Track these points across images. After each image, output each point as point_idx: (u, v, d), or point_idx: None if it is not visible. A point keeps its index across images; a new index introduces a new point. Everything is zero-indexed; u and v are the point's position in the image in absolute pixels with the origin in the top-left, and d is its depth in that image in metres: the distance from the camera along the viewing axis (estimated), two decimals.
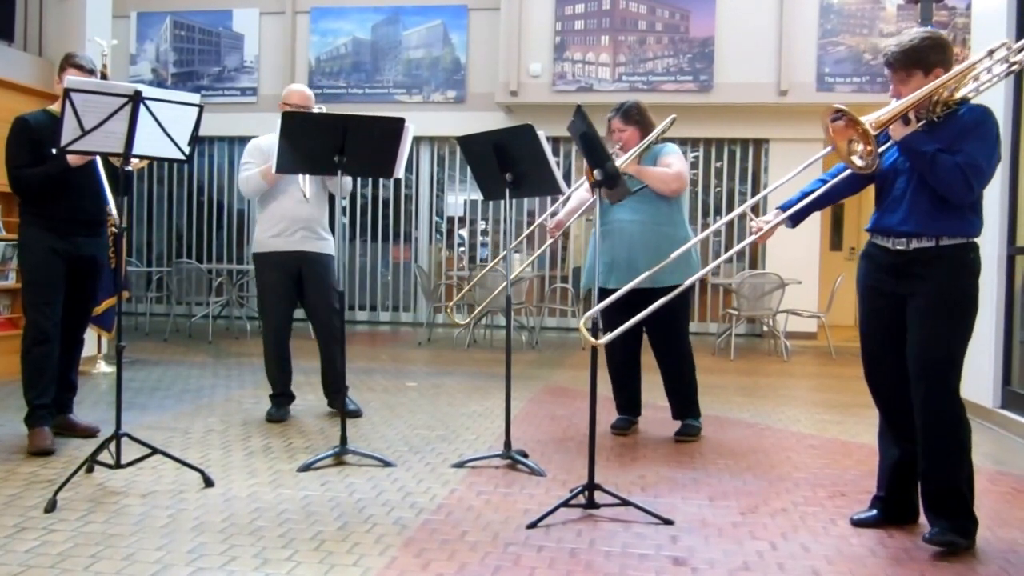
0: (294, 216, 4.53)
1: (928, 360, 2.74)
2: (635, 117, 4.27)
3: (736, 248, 3.28)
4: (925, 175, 2.70)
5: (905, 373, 2.86)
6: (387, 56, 10.74)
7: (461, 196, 11.16)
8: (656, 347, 4.37)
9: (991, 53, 2.77)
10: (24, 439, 3.83)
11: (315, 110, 4.45)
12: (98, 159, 3.76)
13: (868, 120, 2.61)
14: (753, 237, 3.11)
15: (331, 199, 4.73)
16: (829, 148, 3.21)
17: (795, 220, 3.09)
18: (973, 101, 2.79)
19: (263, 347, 4.68)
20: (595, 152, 3.16)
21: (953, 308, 2.74)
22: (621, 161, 4.12)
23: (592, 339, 3.04)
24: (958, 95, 2.76)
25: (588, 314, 3.10)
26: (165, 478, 3.36)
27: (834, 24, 9.55)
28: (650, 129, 4.26)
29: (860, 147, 2.64)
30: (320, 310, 4.61)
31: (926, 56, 2.73)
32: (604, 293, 4.43)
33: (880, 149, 2.83)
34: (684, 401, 4.35)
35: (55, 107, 3.89)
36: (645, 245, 4.08)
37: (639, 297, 4.27)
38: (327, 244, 4.67)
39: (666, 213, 4.18)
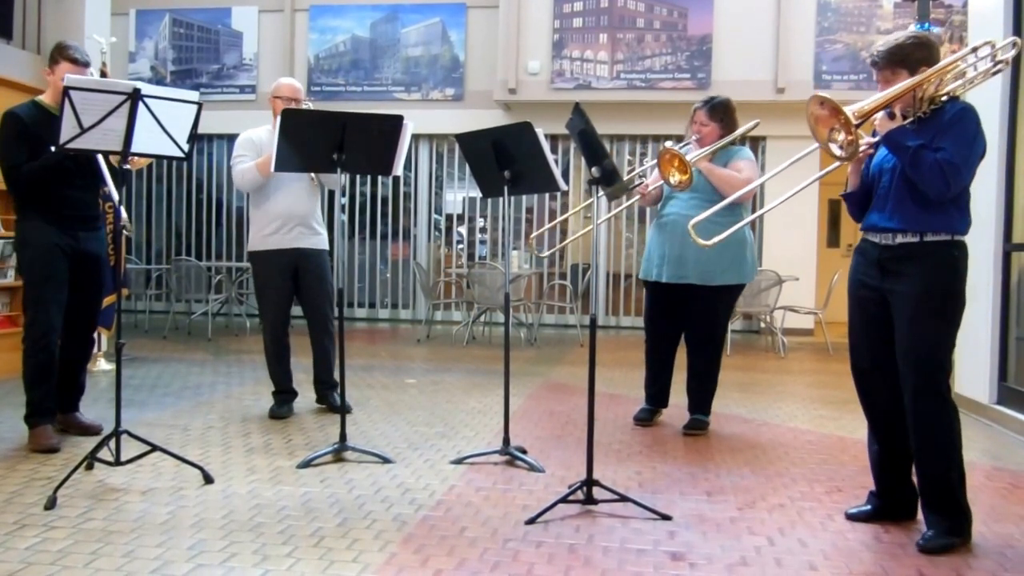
0: (289, 213, 4.51)
1: (915, 358, 2.75)
2: (720, 114, 4.28)
3: (813, 178, 3.27)
4: (907, 170, 2.74)
5: (888, 371, 2.87)
6: (386, 54, 10.74)
7: (460, 193, 11.16)
8: (691, 343, 4.43)
9: (975, 51, 2.82)
10: (24, 436, 3.83)
11: (305, 104, 4.45)
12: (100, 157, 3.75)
13: (851, 110, 2.63)
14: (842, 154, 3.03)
15: (330, 194, 4.73)
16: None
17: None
18: (964, 98, 2.80)
19: (263, 345, 4.69)
20: (593, 150, 3.17)
21: (936, 305, 2.75)
22: (693, 156, 4.12)
23: None
24: (943, 91, 2.77)
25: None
26: (165, 475, 3.37)
27: (831, 22, 9.56)
28: (731, 130, 4.28)
29: (841, 136, 2.65)
30: (316, 307, 4.63)
31: (910, 54, 2.78)
32: (652, 286, 4.44)
33: (867, 142, 2.83)
34: (702, 397, 4.41)
35: (43, 98, 3.84)
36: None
37: (687, 292, 4.28)
38: (322, 239, 4.68)
39: (725, 212, 3.88)
